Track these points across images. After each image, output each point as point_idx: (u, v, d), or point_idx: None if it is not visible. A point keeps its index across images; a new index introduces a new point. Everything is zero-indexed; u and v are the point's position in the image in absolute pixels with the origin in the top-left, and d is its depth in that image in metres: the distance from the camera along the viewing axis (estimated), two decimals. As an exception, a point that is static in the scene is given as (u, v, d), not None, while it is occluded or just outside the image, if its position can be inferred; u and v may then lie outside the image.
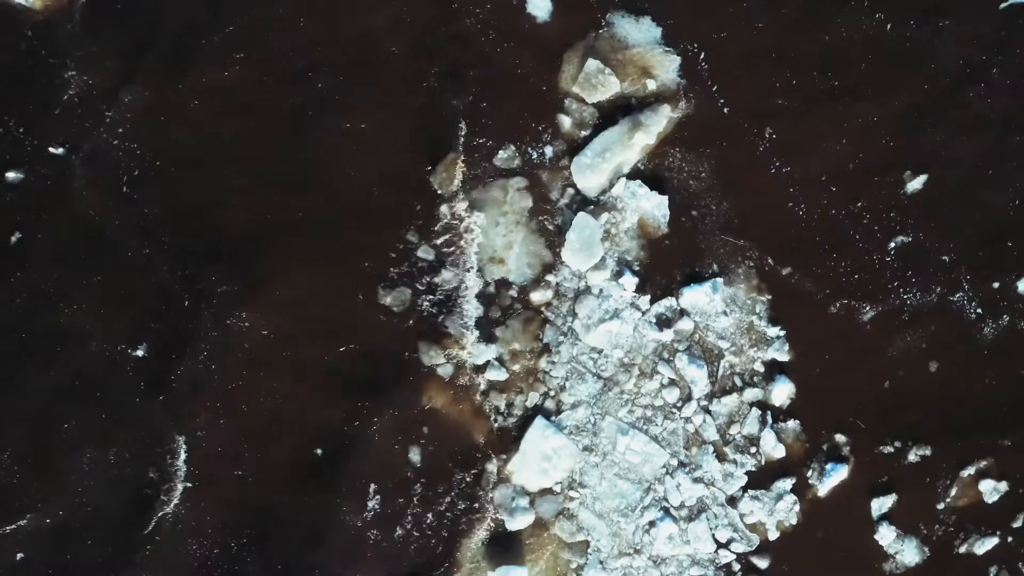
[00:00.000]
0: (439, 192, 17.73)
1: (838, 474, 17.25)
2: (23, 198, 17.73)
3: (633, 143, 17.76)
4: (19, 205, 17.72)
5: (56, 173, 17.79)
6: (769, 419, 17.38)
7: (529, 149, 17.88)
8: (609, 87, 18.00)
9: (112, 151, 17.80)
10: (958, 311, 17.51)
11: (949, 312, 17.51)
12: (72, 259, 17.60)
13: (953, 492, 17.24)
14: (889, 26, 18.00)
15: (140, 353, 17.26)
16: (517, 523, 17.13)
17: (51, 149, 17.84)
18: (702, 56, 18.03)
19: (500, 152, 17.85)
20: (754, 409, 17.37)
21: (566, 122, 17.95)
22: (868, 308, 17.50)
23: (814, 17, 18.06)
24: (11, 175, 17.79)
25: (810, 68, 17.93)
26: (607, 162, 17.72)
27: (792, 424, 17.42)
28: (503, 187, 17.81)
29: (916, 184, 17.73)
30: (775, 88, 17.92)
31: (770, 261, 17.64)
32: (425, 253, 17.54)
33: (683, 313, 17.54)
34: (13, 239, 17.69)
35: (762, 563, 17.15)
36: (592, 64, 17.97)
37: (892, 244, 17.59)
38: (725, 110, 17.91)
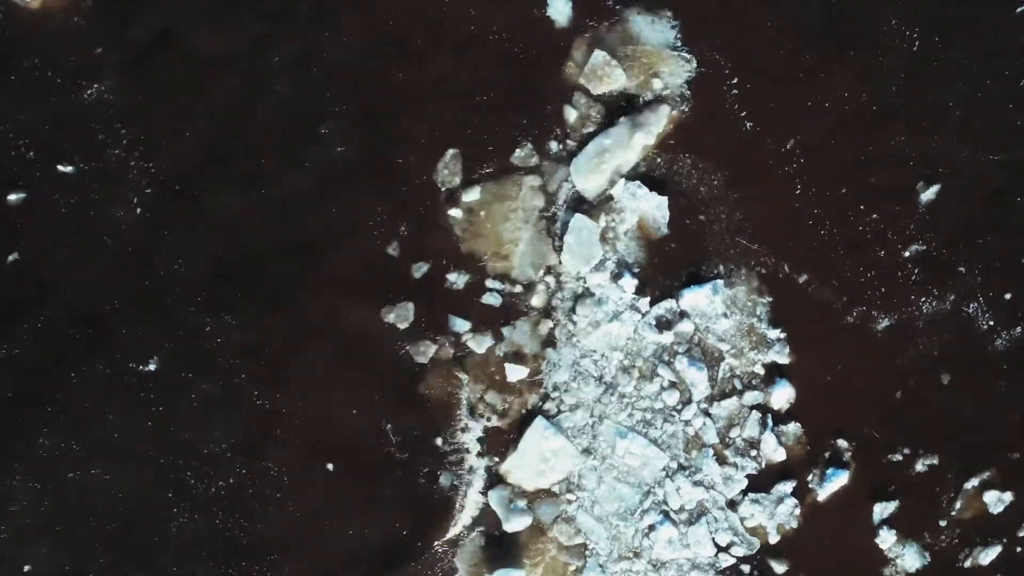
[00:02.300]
0: (443, 189, 17.59)
1: (839, 479, 17.12)
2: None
3: (633, 143, 17.62)
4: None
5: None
6: (770, 422, 17.25)
7: (543, 147, 17.72)
8: (615, 80, 17.84)
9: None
10: (971, 322, 17.35)
11: (962, 322, 17.35)
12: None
13: (958, 505, 17.10)
14: (917, 44, 17.76)
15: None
16: (514, 525, 17.02)
17: (59, 167, 17.49)
18: (728, 68, 17.87)
19: (517, 150, 17.71)
20: (754, 412, 17.24)
21: (572, 116, 17.82)
22: (884, 318, 17.32)
23: (846, 39, 17.91)
24: (12, 197, 17.40)
25: (841, 88, 17.76)
26: (606, 163, 17.57)
27: (793, 427, 17.29)
28: (517, 183, 17.69)
29: (929, 194, 17.56)
30: (800, 104, 17.78)
31: (786, 268, 17.48)
32: (418, 271, 17.41)
33: (683, 315, 17.40)
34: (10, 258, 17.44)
35: (780, 568, 17.03)
36: (599, 55, 17.82)
37: (907, 253, 17.42)
38: (747, 124, 17.74)
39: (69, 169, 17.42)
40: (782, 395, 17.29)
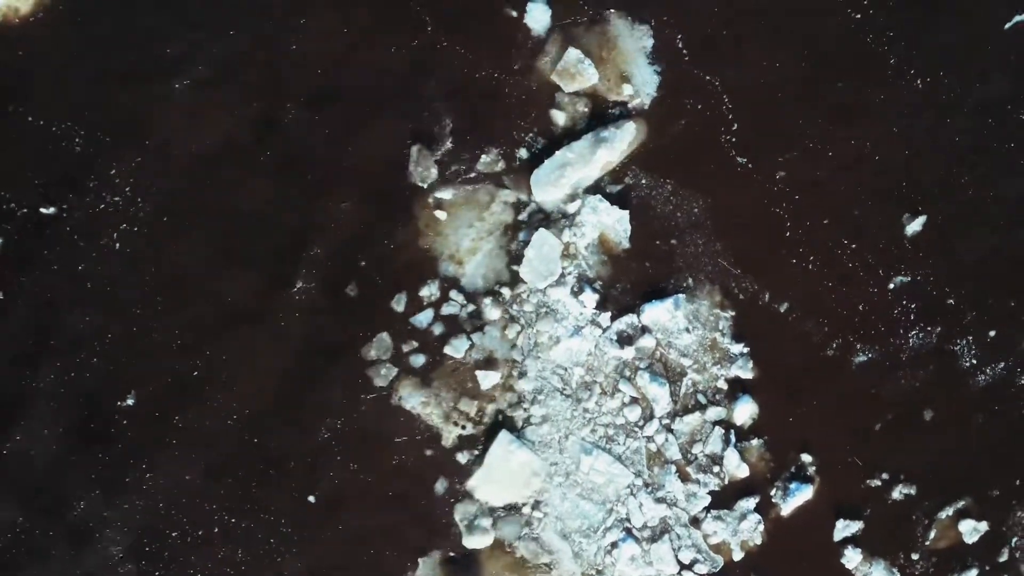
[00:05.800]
0: (420, 185, 17.58)
1: (803, 493, 16.92)
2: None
3: (595, 159, 17.58)
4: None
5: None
6: (732, 438, 17.06)
7: (513, 153, 17.67)
8: (588, 78, 17.83)
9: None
10: (955, 358, 17.18)
11: (945, 358, 17.23)
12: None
13: (932, 535, 16.85)
14: (921, 82, 17.70)
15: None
16: (476, 542, 16.89)
17: (42, 209, 17.24)
18: (720, 91, 17.87)
19: (483, 156, 17.70)
20: (717, 428, 17.07)
21: (560, 118, 17.79)
22: (867, 350, 17.16)
23: (835, 66, 17.88)
24: None
25: (826, 117, 17.75)
26: (566, 176, 17.50)
27: (756, 442, 17.11)
28: (490, 194, 17.68)
29: (915, 226, 17.40)
30: (787, 135, 17.73)
31: (767, 298, 17.36)
32: (398, 303, 17.41)
33: (644, 330, 17.29)
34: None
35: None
36: (572, 53, 17.84)
37: (892, 285, 17.28)
38: (738, 157, 17.67)
39: (51, 211, 17.26)
40: (745, 410, 17.12)
